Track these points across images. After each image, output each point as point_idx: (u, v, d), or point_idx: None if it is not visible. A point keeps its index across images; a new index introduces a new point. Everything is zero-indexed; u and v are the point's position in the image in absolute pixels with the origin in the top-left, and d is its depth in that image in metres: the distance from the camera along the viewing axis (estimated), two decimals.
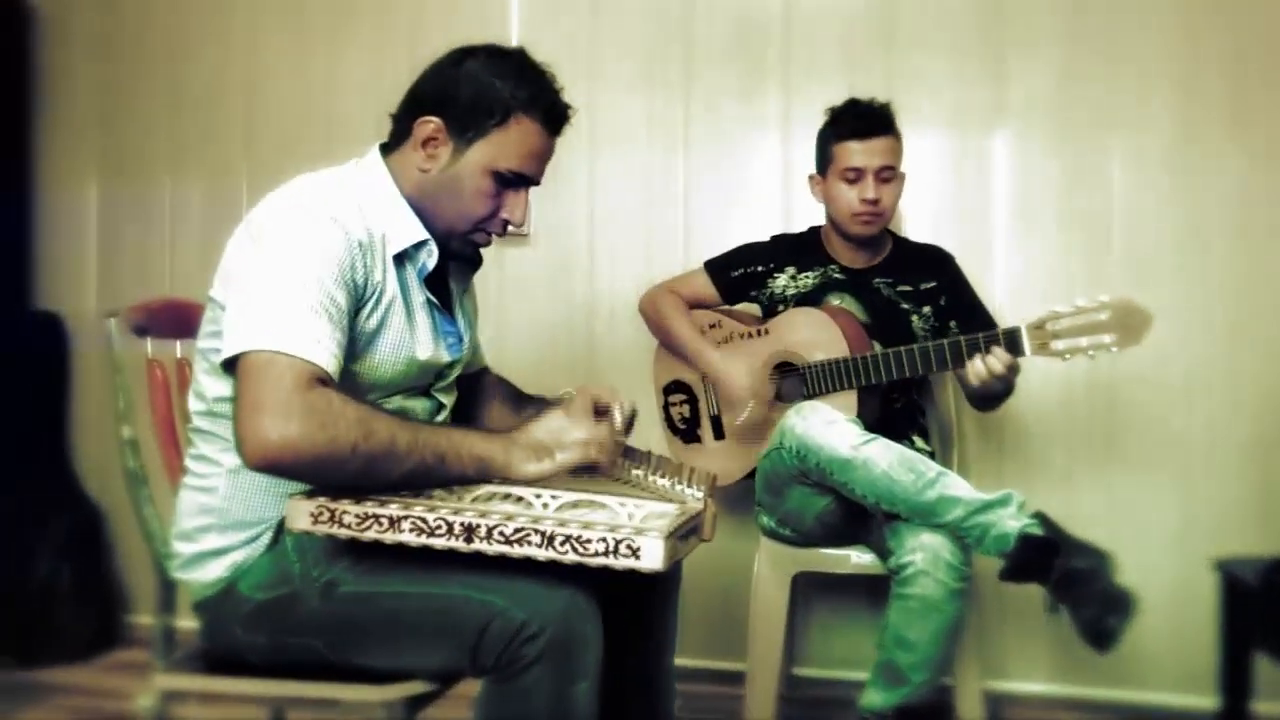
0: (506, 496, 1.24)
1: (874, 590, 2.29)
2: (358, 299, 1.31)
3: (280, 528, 1.33)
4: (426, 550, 1.20)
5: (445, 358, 1.47)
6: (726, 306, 2.32)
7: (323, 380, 1.20)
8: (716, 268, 2.29)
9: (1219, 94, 2.39)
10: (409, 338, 1.39)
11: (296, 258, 1.25)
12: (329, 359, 1.22)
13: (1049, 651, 2.46)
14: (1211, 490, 2.39)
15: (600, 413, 1.38)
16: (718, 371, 2.18)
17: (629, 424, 1.44)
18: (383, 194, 1.39)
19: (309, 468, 1.17)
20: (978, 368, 1.87)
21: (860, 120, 2.11)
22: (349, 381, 1.32)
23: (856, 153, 2.10)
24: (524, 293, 2.70)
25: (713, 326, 2.27)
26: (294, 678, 1.34)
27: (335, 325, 1.25)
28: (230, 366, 1.23)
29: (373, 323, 1.34)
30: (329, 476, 1.20)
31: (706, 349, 2.21)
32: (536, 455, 1.28)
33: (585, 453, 1.30)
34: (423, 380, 1.46)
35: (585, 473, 1.33)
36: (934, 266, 2.22)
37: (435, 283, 1.47)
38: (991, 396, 1.99)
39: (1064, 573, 1.67)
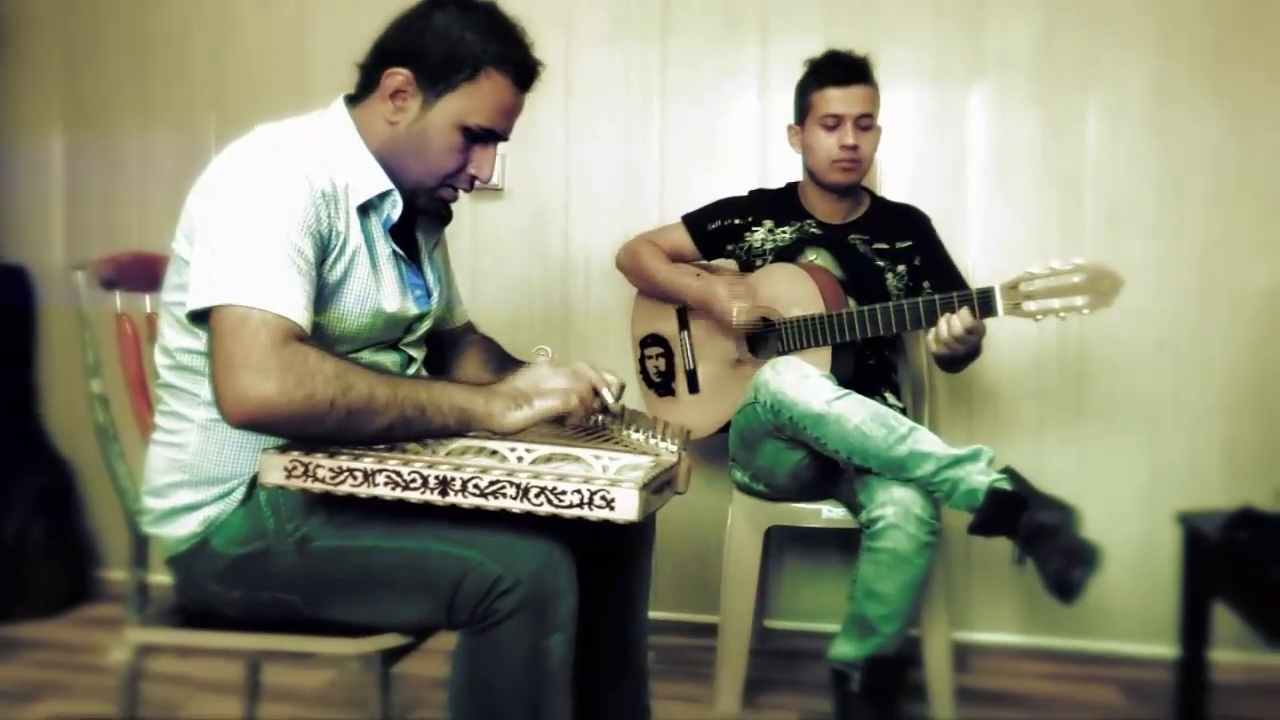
0: (481, 450, 1.25)
1: (845, 544, 2.33)
2: (322, 249, 1.30)
3: (253, 482, 1.33)
4: (401, 504, 1.20)
5: (413, 310, 1.47)
6: (704, 261, 2.32)
7: (298, 335, 1.20)
8: (694, 221, 2.29)
9: (1198, 50, 2.40)
10: (374, 289, 1.38)
11: (262, 209, 1.24)
12: (302, 313, 1.22)
13: (1015, 603, 2.50)
14: (1178, 447, 2.43)
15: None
16: (700, 293, 2.18)
17: (618, 397, 1.44)
18: (346, 145, 1.38)
19: (289, 424, 1.17)
20: (939, 331, 1.88)
21: (840, 68, 2.11)
22: (316, 334, 1.32)
23: (836, 99, 2.10)
24: (498, 249, 2.69)
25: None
26: (269, 631, 1.34)
27: (304, 277, 1.24)
28: (197, 319, 1.22)
29: (337, 273, 1.33)
30: (308, 431, 1.20)
31: (686, 278, 2.21)
32: (516, 403, 1.28)
33: (566, 400, 1.30)
34: (391, 334, 1.45)
35: (559, 423, 1.33)
36: (910, 226, 2.22)
37: (402, 236, 1.46)
38: (957, 359, 2.01)
39: (1031, 527, 1.70)
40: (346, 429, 1.20)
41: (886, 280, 2.18)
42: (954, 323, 1.86)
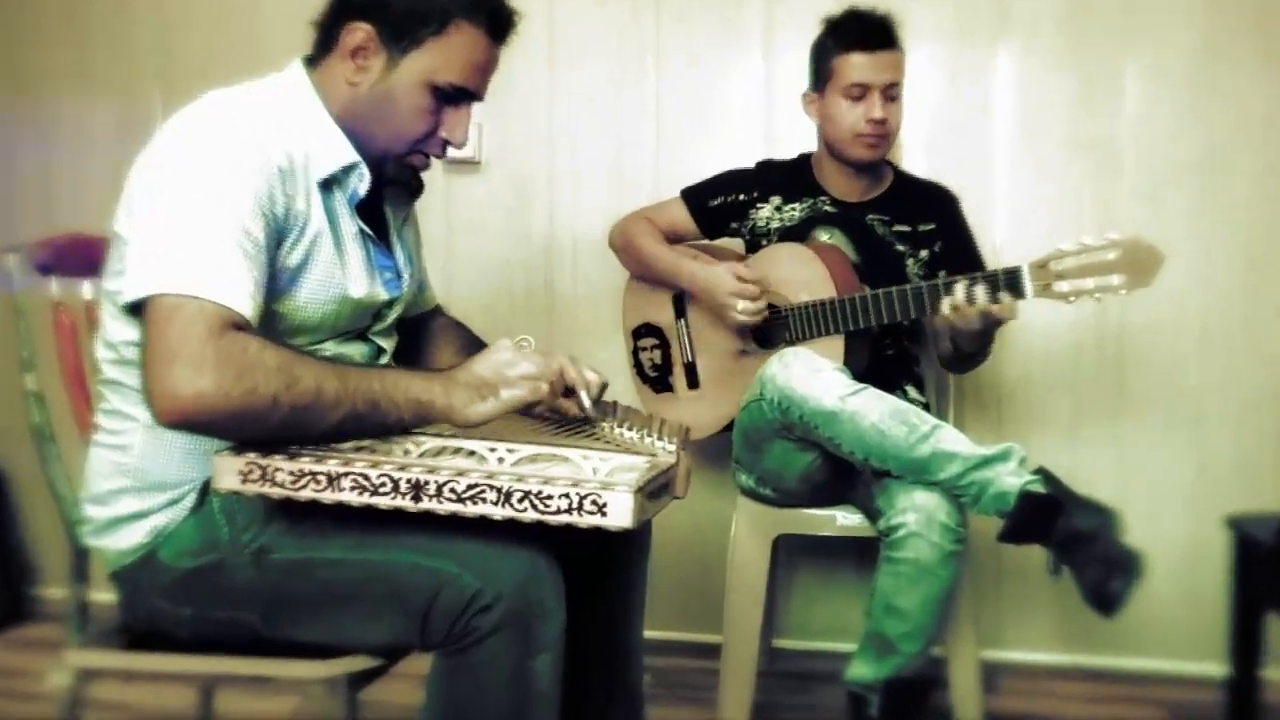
0: (458, 451, 1.25)
1: (862, 554, 2.33)
2: (278, 231, 1.30)
3: (205, 488, 1.33)
4: (369, 511, 1.20)
5: (382, 295, 1.46)
6: (705, 241, 2.32)
7: (238, 325, 1.19)
8: (694, 196, 2.28)
9: (1247, 6, 2.40)
10: (339, 273, 1.38)
11: (206, 186, 1.23)
12: (245, 301, 1.21)
13: (1050, 617, 2.51)
14: (1227, 443, 2.44)
15: (566, 393, 1.38)
16: (699, 277, 2.17)
17: (597, 398, 1.45)
18: (305, 111, 1.37)
19: (227, 422, 1.17)
20: (956, 295, 1.86)
21: (866, 31, 2.09)
22: (272, 325, 1.31)
23: (862, 67, 2.09)
24: (473, 227, 2.69)
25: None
26: (223, 653, 1.34)
27: (252, 262, 1.24)
28: (136, 310, 1.22)
29: (296, 257, 1.33)
30: (250, 431, 1.19)
31: (682, 261, 2.21)
32: (480, 394, 1.27)
33: (534, 389, 1.30)
34: (358, 322, 1.45)
35: (526, 413, 1.32)
36: (936, 207, 2.22)
37: (369, 212, 1.45)
38: (964, 356, 2.01)
39: (1067, 533, 1.70)
40: (292, 428, 1.20)
41: (907, 266, 2.18)
42: (978, 289, 1.85)
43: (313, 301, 1.36)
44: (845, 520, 2.07)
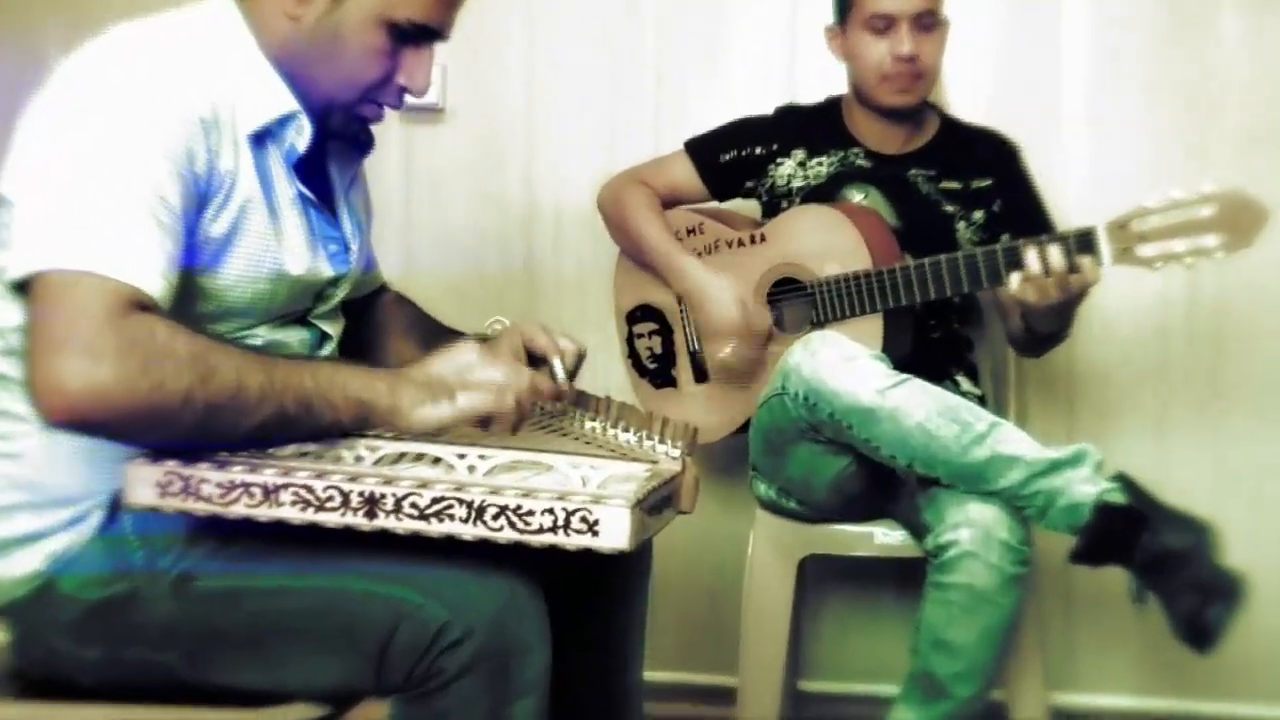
0: (420, 457, 1.25)
1: (905, 579, 2.33)
2: (199, 195, 1.29)
3: (115, 504, 1.32)
4: (314, 530, 1.20)
5: (326, 272, 1.46)
6: (714, 205, 2.32)
7: (144, 306, 1.19)
8: (701, 150, 2.29)
9: None
10: (275, 246, 1.38)
11: (110, 140, 1.22)
12: (154, 278, 1.20)
13: (1132, 654, 2.51)
14: None
15: (536, 361, 1.38)
16: (695, 286, 2.19)
17: (574, 371, 1.44)
18: (234, 50, 1.37)
19: (127, 422, 1.16)
20: (1029, 265, 1.86)
21: None
22: (193, 309, 1.31)
23: None
24: (436, 189, 2.69)
25: (691, 231, 2.28)
26: (137, 701, 1.34)
27: (165, 232, 1.23)
28: (25, 289, 1.22)
29: (222, 226, 1.33)
30: (155, 434, 1.19)
31: (681, 257, 2.22)
32: (432, 396, 1.27)
33: (499, 400, 1.29)
34: (297, 304, 1.45)
35: (482, 426, 1.33)
36: (992, 160, 2.23)
37: (310, 172, 1.45)
38: (1040, 338, 2.01)
39: (1153, 552, 1.71)
40: (206, 430, 1.19)
41: (956, 230, 2.19)
42: (1052, 254, 1.86)
43: (243, 280, 1.36)
44: (885, 538, 2.08)
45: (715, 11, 2.59)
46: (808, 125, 2.26)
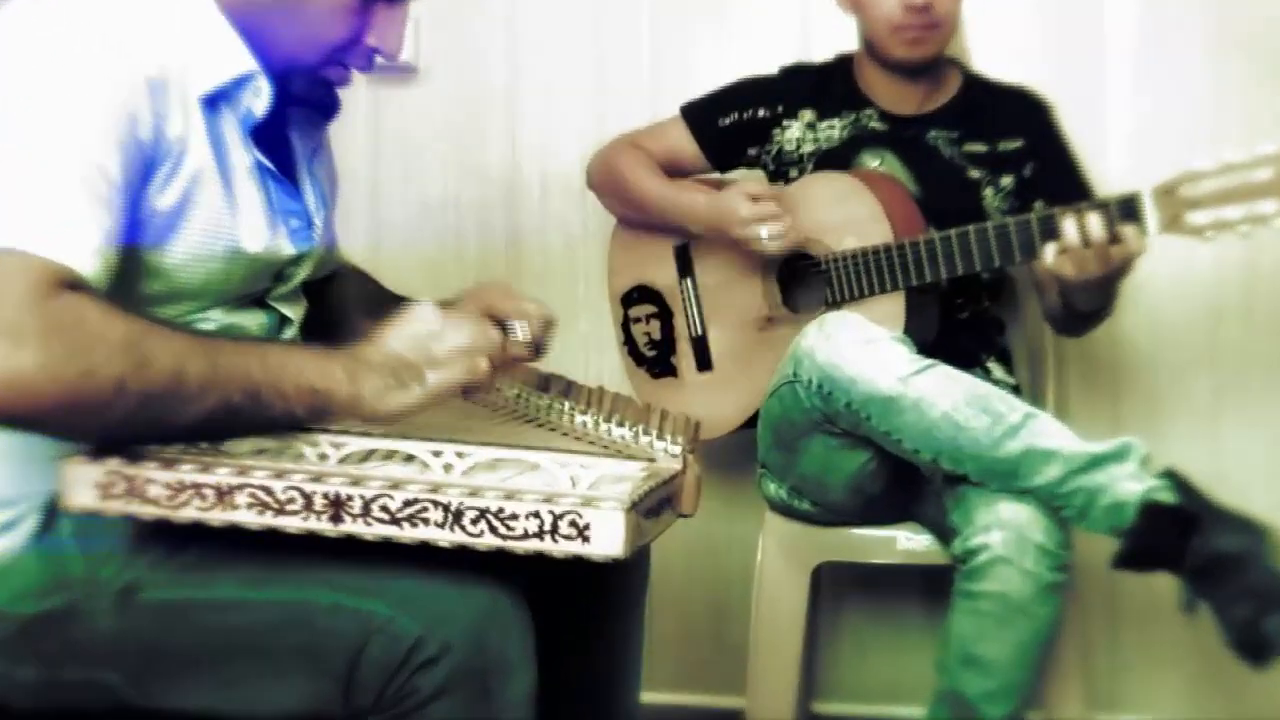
0: (391, 455, 1.25)
1: (931, 588, 2.33)
2: (145, 164, 1.29)
3: (51, 507, 1.33)
4: (273, 536, 1.20)
5: (287, 249, 1.46)
6: (715, 174, 2.31)
7: (74, 286, 1.19)
8: (698, 114, 2.29)
9: None
10: (229, 221, 1.38)
11: (44, 102, 1.22)
12: (86, 255, 1.20)
13: (1182, 670, 2.52)
14: None
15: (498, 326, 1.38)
16: (699, 210, 2.19)
17: (541, 340, 1.43)
18: (186, 5, 1.37)
19: (53, 413, 1.15)
20: (1067, 235, 1.86)
21: None
22: (139, 290, 1.31)
23: None
24: (409, 156, 2.69)
25: None
26: None
27: (103, 206, 1.22)
28: None
29: (170, 199, 1.32)
30: (84, 426, 1.18)
31: (681, 191, 2.22)
32: (398, 379, 1.27)
33: (471, 368, 1.29)
34: (255, 284, 1.45)
35: (463, 396, 1.33)
36: (1022, 119, 2.23)
37: (269, 140, 1.45)
38: (1080, 314, 2.01)
39: (1205, 556, 1.70)
40: (141, 423, 1.19)
41: (983, 197, 2.20)
42: (1091, 223, 1.86)
43: (194, 258, 1.36)
44: (909, 543, 2.08)
45: None
46: (816, 85, 2.26)
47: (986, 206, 2.18)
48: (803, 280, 2.17)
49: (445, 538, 1.17)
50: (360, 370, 1.27)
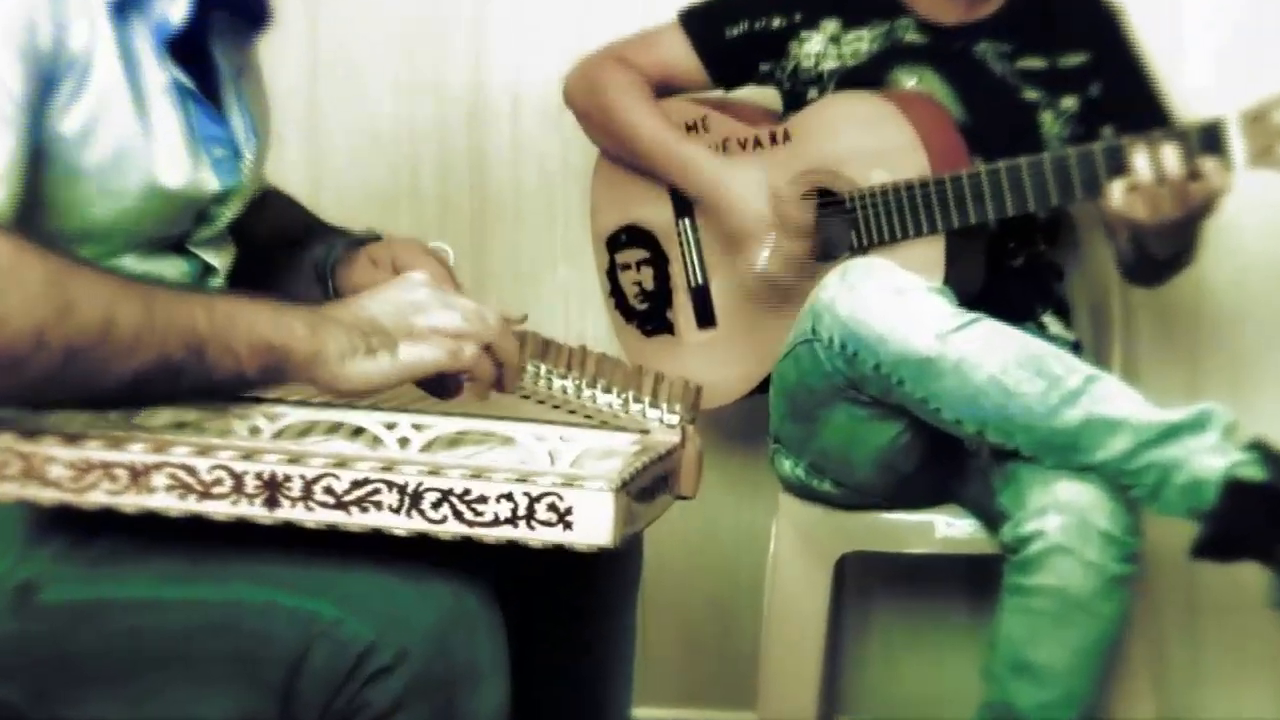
0: (337, 427, 1.25)
1: (975, 582, 2.35)
2: (44, 80, 1.29)
3: None
4: (197, 524, 1.20)
5: (211, 184, 1.46)
6: (719, 95, 2.31)
7: None
8: (699, 22, 2.30)
9: None
10: (143, 149, 1.37)
11: None
12: None
13: (1271, 674, 2.54)
14: None
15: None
16: (710, 181, 2.20)
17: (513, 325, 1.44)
18: None
19: None
20: (1137, 170, 1.87)
21: None
22: (37, 229, 1.30)
23: None
24: (355, 76, 2.69)
25: (692, 129, 2.29)
26: None
27: (4, 123, 1.23)
28: None
29: (73, 123, 1.32)
30: None
31: (686, 145, 2.23)
32: (367, 344, 1.27)
33: (454, 353, 1.29)
34: (174, 225, 1.45)
35: (435, 389, 1.33)
36: (1088, 28, 2.23)
37: (189, 55, 1.45)
38: (1156, 264, 2.02)
39: None
40: (64, 381, 1.18)
41: (1041, 123, 2.20)
42: (1166, 155, 1.86)
43: (103, 193, 1.36)
44: (949, 529, 2.09)
45: None
46: None
47: (1044, 134, 2.18)
48: (825, 221, 2.17)
49: (401, 524, 1.17)
50: (324, 327, 1.26)
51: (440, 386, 1.32)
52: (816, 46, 2.23)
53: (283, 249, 1.62)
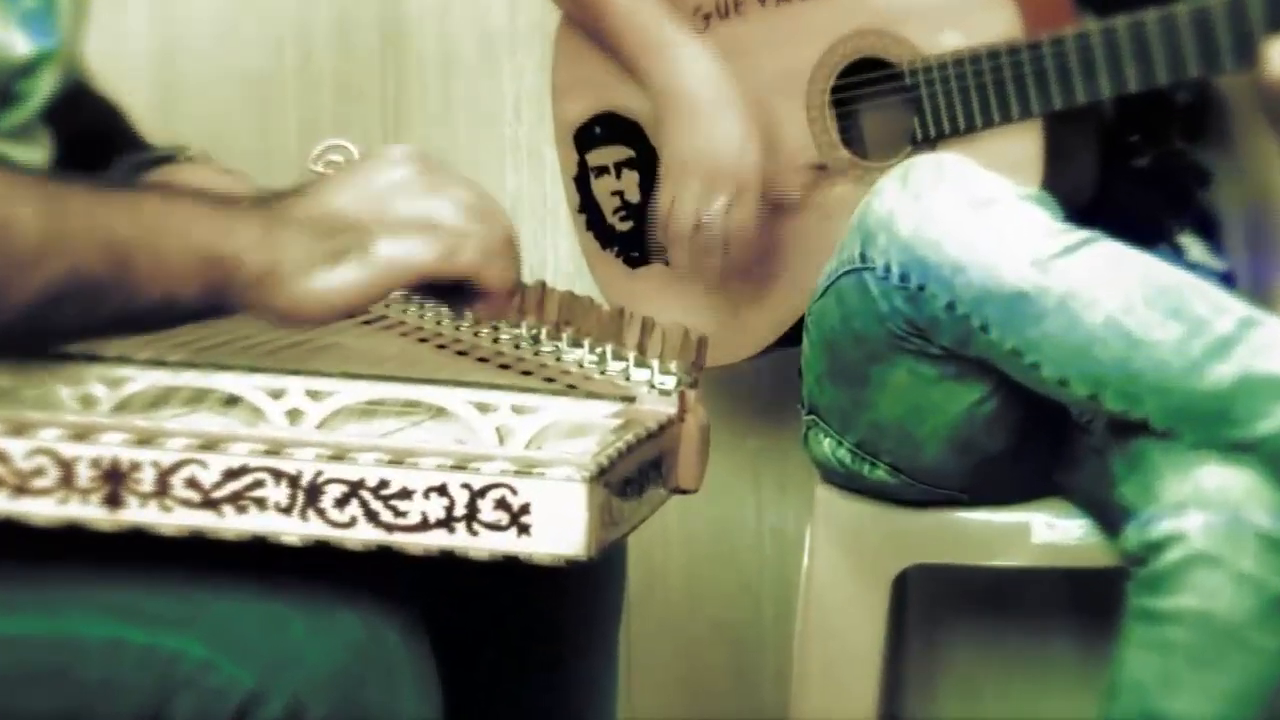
0: (202, 395, 1.26)
1: (1085, 602, 2.37)
2: None
3: None
4: (13, 530, 1.20)
5: (19, 47, 1.48)
6: None
7: None
8: None
9: None
10: None
11: None
12: None
13: None
14: None
15: None
16: (677, 89, 2.21)
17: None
18: None
19: None
20: None
21: None
22: None
23: None
24: None
25: None
26: None
27: None
28: None
29: None
30: None
31: (666, 28, 2.25)
32: (334, 246, 1.27)
33: (447, 251, 1.28)
34: None
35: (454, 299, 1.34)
36: None
37: None
38: None
39: None
40: None
41: None
42: None
43: None
44: (1050, 532, 2.10)
45: None
46: None
47: None
48: (874, 105, 2.18)
49: (293, 529, 1.18)
50: (279, 229, 1.26)
51: (458, 295, 1.32)
52: None
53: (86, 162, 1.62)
